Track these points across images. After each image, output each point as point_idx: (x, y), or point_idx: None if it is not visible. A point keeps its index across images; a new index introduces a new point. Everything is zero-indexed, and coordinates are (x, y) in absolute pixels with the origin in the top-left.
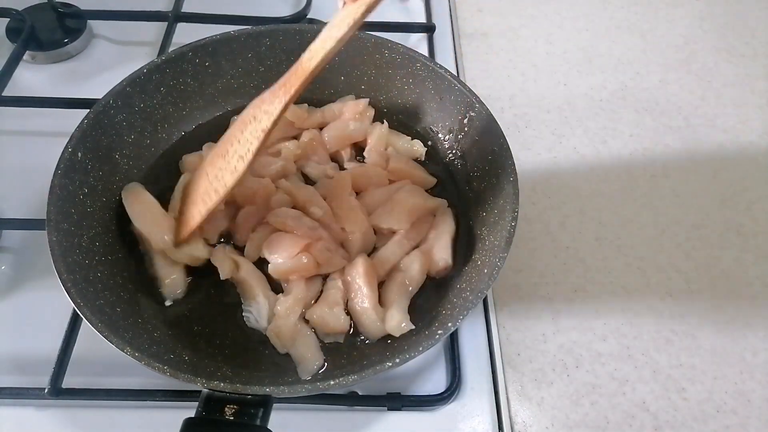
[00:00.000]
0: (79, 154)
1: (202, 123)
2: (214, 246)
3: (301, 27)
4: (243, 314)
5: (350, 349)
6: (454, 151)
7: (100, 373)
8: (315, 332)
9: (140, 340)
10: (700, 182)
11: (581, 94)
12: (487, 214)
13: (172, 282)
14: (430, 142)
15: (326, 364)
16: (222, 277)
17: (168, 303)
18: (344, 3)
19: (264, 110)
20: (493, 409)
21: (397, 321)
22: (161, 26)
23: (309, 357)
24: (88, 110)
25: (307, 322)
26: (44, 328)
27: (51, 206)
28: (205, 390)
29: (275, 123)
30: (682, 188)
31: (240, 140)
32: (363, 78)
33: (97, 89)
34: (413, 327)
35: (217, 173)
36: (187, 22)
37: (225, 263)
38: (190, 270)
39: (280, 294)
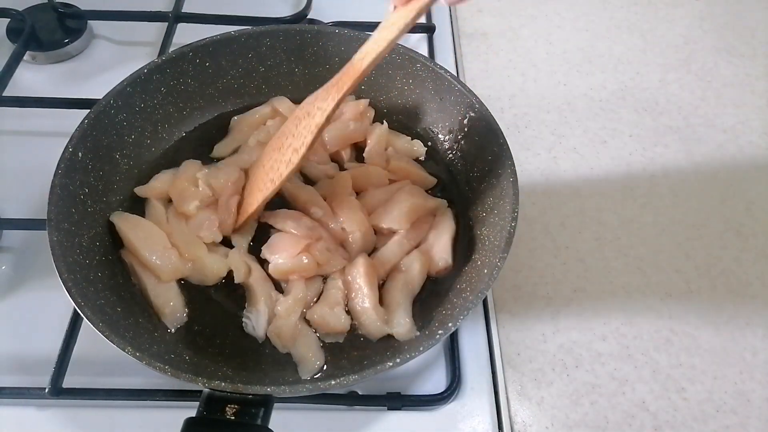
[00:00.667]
0: (80, 154)
1: (203, 123)
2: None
3: (301, 27)
4: (243, 319)
5: (351, 349)
6: (454, 151)
7: (101, 373)
8: (315, 332)
9: (141, 339)
10: (699, 182)
11: (581, 94)
12: (487, 214)
13: (171, 315)
14: (430, 142)
15: (326, 363)
16: (236, 280)
17: (172, 330)
18: (395, 6)
19: (317, 107)
20: (493, 409)
21: (407, 328)
22: (161, 26)
23: (310, 357)
24: (89, 110)
25: (307, 322)
26: (45, 328)
27: (51, 206)
28: (206, 390)
29: (328, 119)
30: (682, 188)
31: (294, 134)
32: (363, 78)
33: (98, 89)
34: (418, 333)
35: (273, 164)
36: (187, 22)
37: (240, 268)
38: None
39: (280, 295)
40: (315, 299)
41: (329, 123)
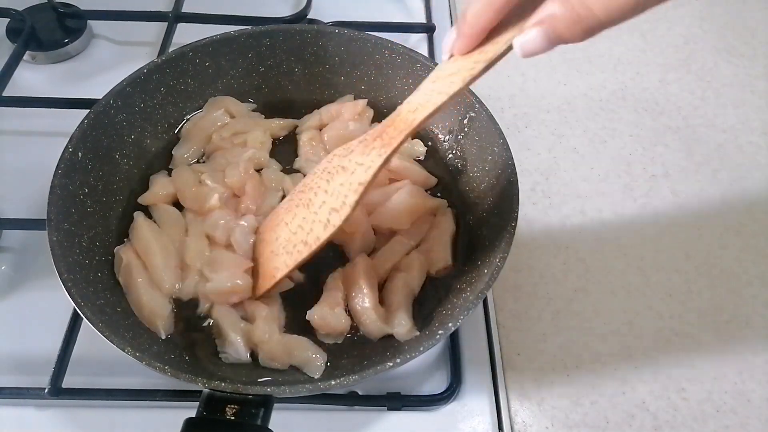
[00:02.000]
0: (80, 154)
1: None
2: None
3: (301, 27)
4: (220, 355)
5: (351, 349)
6: (454, 151)
7: (101, 373)
8: (307, 334)
9: (141, 339)
10: (700, 182)
11: (581, 94)
12: (487, 214)
13: (166, 318)
14: (430, 142)
15: (327, 363)
16: (199, 311)
17: (163, 336)
18: (451, 55)
19: (357, 162)
20: (493, 409)
21: (407, 328)
22: (161, 26)
23: (312, 357)
24: (89, 110)
25: (307, 322)
26: (44, 328)
27: (51, 206)
28: (206, 390)
29: (375, 176)
30: (682, 188)
31: (328, 191)
32: (363, 78)
33: (97, 89)
34: (419, 333)
35: (301, 224)
36: (187, 22)
37: (207, 299)
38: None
39: (245, 321)
40: (283, 312)
41: (375, 180)
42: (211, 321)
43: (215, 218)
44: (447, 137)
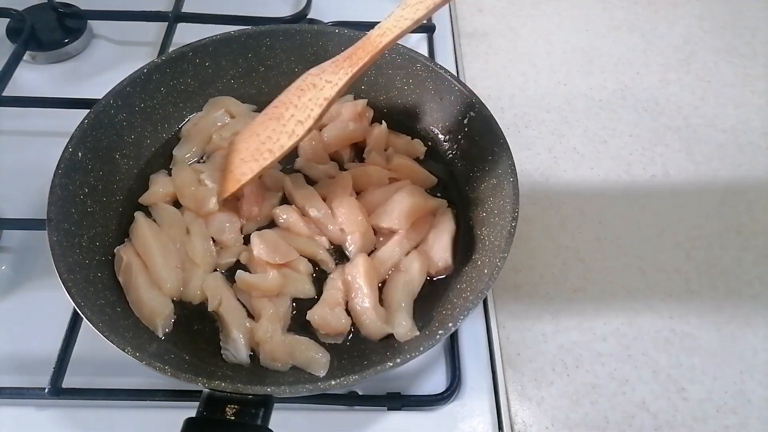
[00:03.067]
0: (80, 154)
1: None
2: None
3: (301, 27)
4: (221, 351)
5: (351, 349)
6: (454, 151)
7: (101, 373)
8: (307, 334)
9: (141, 339)
10: (700, 182)
11: (581, 94)
12: (487, 214)
13: (166, 317)
14: (430, 142)
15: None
16: (210, 308)
17: (161, 335)
18: None
19: (326, 79)
20: (493, 409)
21: (407, 328)
22: (161, 26)
23: (315, 356)
24: (89, 110)
25: (305, 326)
26: (44, 328)
27: (51, 206)
28: (206, 390)
29: (339, 93)
30: (682, 188)
31: (298, 105)
32: (363, 78)
33: (97, 89)
34: (418, 333)
35: (270, 135)
36: (187, 22)
37: (215, 296)
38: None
39: (251, 320)
40: (290, 313)
41: (339, 97)
42: (216, 319)
43: (219, 221)
44: (447, 137)
